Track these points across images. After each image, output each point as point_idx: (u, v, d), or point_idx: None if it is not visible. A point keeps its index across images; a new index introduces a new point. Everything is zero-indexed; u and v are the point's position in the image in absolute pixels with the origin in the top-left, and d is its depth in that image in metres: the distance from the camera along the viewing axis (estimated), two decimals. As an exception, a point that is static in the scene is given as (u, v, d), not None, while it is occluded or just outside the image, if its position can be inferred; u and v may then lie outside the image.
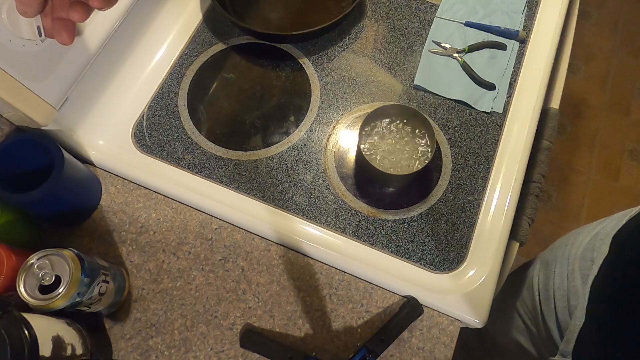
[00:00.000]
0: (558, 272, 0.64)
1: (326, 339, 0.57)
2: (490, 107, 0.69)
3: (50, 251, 0.47)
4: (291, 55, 0.73)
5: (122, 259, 0.60)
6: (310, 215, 0.62)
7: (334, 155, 0.66)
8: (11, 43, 0.49)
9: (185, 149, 0.66)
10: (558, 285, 0.63)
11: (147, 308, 0.58)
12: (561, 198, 1.57)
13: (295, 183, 0.64)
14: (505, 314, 0.79)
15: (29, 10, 0.40)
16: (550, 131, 0.72)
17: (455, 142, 0.67)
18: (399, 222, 0.62)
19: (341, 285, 0.59)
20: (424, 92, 0.70)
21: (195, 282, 0.59)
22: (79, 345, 0.49)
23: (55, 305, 0.46)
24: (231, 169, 0.65)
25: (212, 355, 0.56)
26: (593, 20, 1.87)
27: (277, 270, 0.60)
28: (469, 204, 0.63)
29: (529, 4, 0.77)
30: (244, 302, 0.59)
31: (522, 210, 0.67)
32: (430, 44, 0.73)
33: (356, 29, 0.75)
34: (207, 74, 0.71)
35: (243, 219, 0.62)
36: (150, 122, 0.68)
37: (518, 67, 0.72)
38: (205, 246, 0.61)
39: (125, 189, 0.64)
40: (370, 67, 0.72)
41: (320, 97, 0.70)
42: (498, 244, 0.61)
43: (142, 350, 0.56)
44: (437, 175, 0.65)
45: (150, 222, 0.62)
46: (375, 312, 0.58)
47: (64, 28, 0.41)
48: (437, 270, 0.60)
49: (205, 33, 0.74)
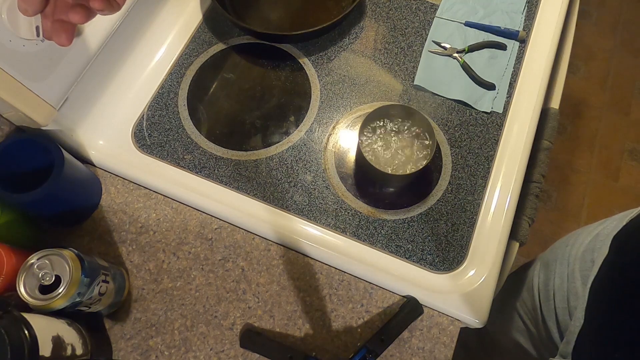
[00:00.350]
0: (558, 272, 0.64)
1: (326, 339, 0.57)
2: (490, 107, 0.69)
3: (50, 251, 0.47)
4: (291, 55, 0.73)
5: (122, 259, 0.60)
6: (310, 215, 0.62)
7: (334, 155, 0.66)
8: (11, 43, 0.49)
9: (185, 149, 0.66)
10: (558, 286, 0.63)
11: (147, 308, 0.58)
12: (561, 198, 1.57)
13: (295, 183, 0.64)
14: (505, 314, 0.79)
15: (29, 8, 0.40)
16: (550, 131, 0.72)
17: (455, 142, 0.67)
18: (399, 222, 0.62)
19: (341, 285, 0.59)
20: (424, 92, 0.70)
21: (195, 282, 0.59)
22: (79, 345, 0.49)
23: (55, 305, 0.46)
24: (231, 169, 0.65)
25: (212, 355, 0.56)
26: (593, 20, 1.87)
27: (277, 270, 0.60)
28: (469, 204, 0.63)
29: (529, 4, 0.77)
30: (244, 302, 0.59)
31: (522, 210, 0.67)
32: (430, 44, 0.73)
33: (356, 29, 0.75)
34: (207, 74, 0.71)
35: (243, 219, 0.62)
36: (150, 122, 0.68)
37: (518, 67, 0.72)
38: (205, 246, 0.61)
39: (125, 189, 0.64)
40: (370, 67, 0.72)
41: (320, 97, 0.70)
42: (498, 244, 0.61)
43: (142, 350, 0.56)
44: (437, 175, 0.65)
45: (150, 222, 0.62)
46: (375, 312, 0.58)
47: (63, 30, 0.41)
48: (437, 270, 0.60)
49: (205, 33, 0.74)
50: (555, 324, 0.64)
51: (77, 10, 0.40)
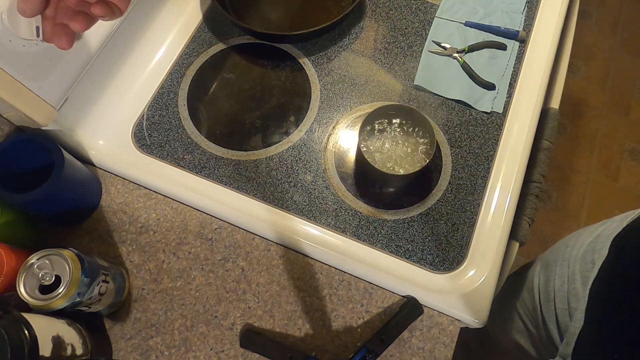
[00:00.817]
0: (558, 273, 0.64)
1: (326, 339, 0.57)
2: (490, 107, 0.69)
3: (50, 251, 0.47)
4: (291, 55, 0.73)
5: (122, 259, 0.60)
6: (310, 215, 0.62)
7: (334, 155, 0.66)
8: (11, 43, 0.49)
9: (185, 149, 0.66)
10: (558, 287, 0.63)
11: (147, 308, 0.58)
12: (561, 198, 1.57)
13: (295, 183, 0.64)
14: (505, 315, 0.79)
15: (27, 8, 0.40)
16: (550, 131, 0.72)
17: (455, 142, 0.67)
18: (399, 222, 0.62)
19: (341, 285, 0.59)
20: (424, 92, 0.70)
21: (195, 282, 0.59)
22: (79, 345, 0.49)
23: (55, 305, 0.46)
24: (231, 169, 0.65)
25: (212, 355, 0.56)
26: (593, 20, 1.87)
27: (277, 270, 0.60)
28: (469, 204, 0.63)
29: (529, 4, 0.77)
30: (244, 302, 0.59)
31: (522, 210, 0.67)
32: (430, 44, 0.73)
33: (356, 29, 0.75)
34: (207, 74, 0.71)
35: (243, 219, 0.62)
36: (150, 122, 0.68)
37: (518, 67, 0.72)
38: (205, 246, 0.61)
39: (125, 189, 0.64)
40: (370, 67, 0.72)
41: (320, 97, 0.70)
42: (498, 244, 0.61)
43: (142, 350, 0.56)
44: (437, 175, 0.65)
45: (150, 222, 0.62)
46: (375, 312, 0.58)
47: (64, 33, 0.41)
48: (437, 271, 0.60)
49: (205, 33, 0.74)
50: (555, 325, 0.64)
51: (79, 18, 0.40)
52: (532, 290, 0.70)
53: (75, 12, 0.40)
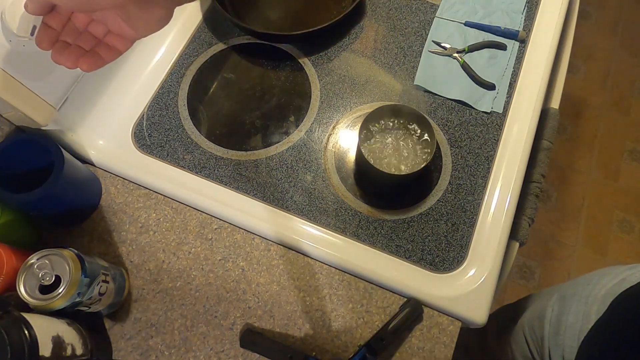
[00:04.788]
0: (574, 310, 0.61)
1: (326, 339, 0.57)
2: (490, 107, 0.69)
3: (50, 251, 0.47)
4: (291, 55, 0.73)
5: (122, 259, 0.60)
6: (310, 215, 0.62)
7: (334, 155, 0.66)
8: (11, 43, 0.49)
9: (185, 149, 0.66)
10: (571, 324, 0.60)
11: (147, 308, 0.58)
12: (561, 198, 1.57)
13: (295, 183, 0.64)
14: (511, 331, 0.77)
15: (30, 4, 0.40)
16: (550, 131, 0.72)
17: (455, 142, 0.67)
18: (399, 222, 0.62)
19: (341, 285, 0.59)
20: (424, 92, 0.70)
21: (195, 282, 0.59)
22: (79, 345, 0.49)
23: (55, 305, 0.46)
24: (231, 169, 0.65)
25: (212, 355, 0.56)
26: (593, 20, 1.87)
27: (277, 270, 0.60)
28: (469, 204, 0.63)
29: (529, 4, 0.77)
30: (244, 302, 0.58)
31: (522, 210, 0.67)
32: (430, 44, 0.73)
33: (356, 29, 0.75)
34: (207, 74, 0.71)
35: (243, 219, 0.62)
36: (150, 122, 0.68)
37: (518, 67, 0.72)
38: (205, 246, 0.61)
39: (125, 189, 0.64)
40: (370, 67, 0.72)
41: (320, 97, 0.70)
42: (498, 244, 0.61)
43: (142, 350, 0.56)
44: (437, 175, 0.65)
45: (150, 222, 0.62)
46: (375, 312, 0.58)
47: (67, 53, 0.43)
48: (437, 271, 0.60)
49: (205, 33, 0.74)
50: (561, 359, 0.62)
51: (86, 60, 0.42)
52: (543, 319, 0.66)
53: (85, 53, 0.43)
